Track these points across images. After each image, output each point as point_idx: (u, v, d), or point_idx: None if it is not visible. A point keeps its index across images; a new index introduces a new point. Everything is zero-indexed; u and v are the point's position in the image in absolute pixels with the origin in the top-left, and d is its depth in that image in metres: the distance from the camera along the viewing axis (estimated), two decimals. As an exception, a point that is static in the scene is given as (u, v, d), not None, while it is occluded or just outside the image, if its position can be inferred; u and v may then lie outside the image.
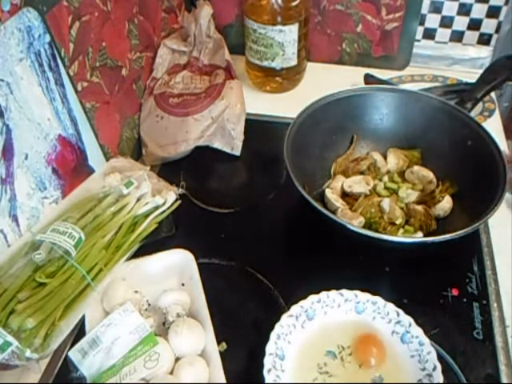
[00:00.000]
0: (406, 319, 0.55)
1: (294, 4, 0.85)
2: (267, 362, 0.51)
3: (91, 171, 0.71)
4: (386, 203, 0.70)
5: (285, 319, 0.55)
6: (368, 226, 0.68)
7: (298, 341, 0.55)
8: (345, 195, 0.73)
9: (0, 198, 0.55)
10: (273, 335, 0.53)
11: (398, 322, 0.55)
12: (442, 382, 0.50)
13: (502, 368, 0.56)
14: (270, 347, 0.52)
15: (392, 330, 0.55)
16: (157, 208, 0.68)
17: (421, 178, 0.74)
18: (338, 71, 1.01)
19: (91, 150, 0.70)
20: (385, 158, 0.77)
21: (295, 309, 0.56)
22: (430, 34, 0.99)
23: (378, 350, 0.54)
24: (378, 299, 0.56)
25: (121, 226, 0.64)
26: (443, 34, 0.98)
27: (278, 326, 0.54)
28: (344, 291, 0.57)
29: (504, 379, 0.55)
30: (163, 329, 0.57)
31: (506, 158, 0.63)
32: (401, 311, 0.55)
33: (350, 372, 0.53)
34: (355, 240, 0.61)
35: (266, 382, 0.50)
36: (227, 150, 0.82)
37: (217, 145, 0.82)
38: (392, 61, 0.99)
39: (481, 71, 0.83)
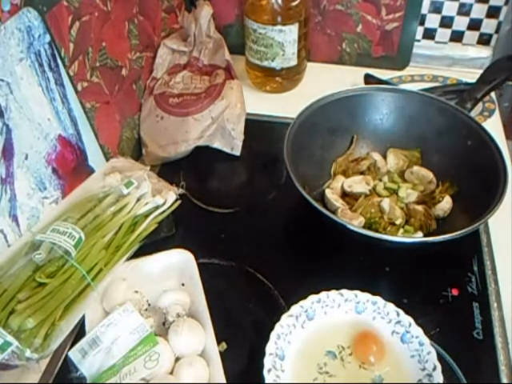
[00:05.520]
0: (406, 319, 0.55)
1: (294, 4, 0.85)
2: (267, 362, 0.51)
3: (91, 171, 0.71)
4: (385, 203, 0.70)
5: (285, 319, 0.55)
6: (368, 226, 0.68)
7: (298, 341, 0.55)
8: (345, 195, 0.73)
9: (0, 198, 0.55)
10: (273, 335, 0.53)
11: (398, 322, 0.55)
12: (442, 382, 0.50)
13: (502, 368, 0.56)
14: (270, 347, 0.52)
15: (392, 330, 0.55)
16: (157, 208, 0.68)
17: (421, 178, 0.74)
18: (337, 71, 1.01)
19: (91, 150, 0.70)
20: (385, 158, 0.77)
21: (295, 309, 0.56)
22: (430, 34, 0.99)
23: (377, 348, 0.54)
24: (378, 299, 0.56)
25: (121, 226, 0.64)
26: (443, 34, 0.98)
27: (277, 326, 0.54)
28: (344, 291, 0.57)
29: (504, 379, 0.55)
30: (163, 329, 0.57)
31: None
32: (401, 311, 0.55)
33: (350, 372, 0.53)
34: (355, 240, 0.61)
35: (266, 381, 0.50)
36: (227, 150, 0.82)
37: (217, 145, 0.82)
38: (392, 61, 0.99)
39: (481, 71, 0.82)
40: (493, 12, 0.93)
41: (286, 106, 0.89)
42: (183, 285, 0.63)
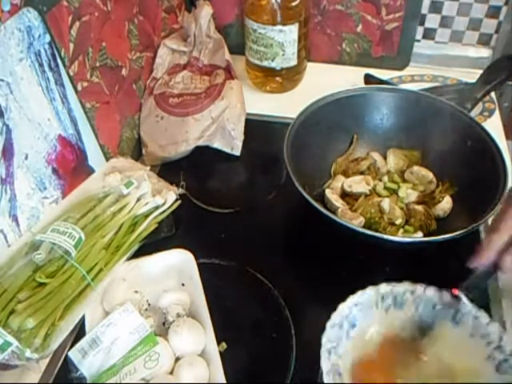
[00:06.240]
0: (451, 299, 0.50)
1: (294, 4, 0.85)
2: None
3: (91, 171, 0.71)
4: (385, 203, 0.70)
5: (329, 330, 0.48)
6: (368, 226, 0.68)
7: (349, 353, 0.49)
8: (345, 195, 0.73)
9: (0, 198, 0.55)
10: (324, 351, 0.47)
11: (444, 305, 0.51)
12: None
13: (502, 368, 0.56)
14: (325, 364, 0.46)
15: (444, 316, 0.51)
16: (157, 208, 0.68)
17: (420, 178, 0.74)
18: (337, 71, 1.01)
19: (91, 150, 0.70)
20: (385, 158, 0.77)
21: (336, 317, 0.49)
22: (429, 34, 0.99)
23: None
24: (417, 287, 0.52)
25: (121, 226, 0.64)
26: (443, 33, 0.98)
27: (325, 340, 0.48)
28: (381, 286, 0.52)
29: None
30: (163, 329, 0.57)
31: None
32: (444, 292, 0.51)
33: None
34: (355, 240, 0.61)
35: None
36: (227, 150, 0.82)
37: (217, 145, 0.82)
38: (392, 61, 0.99)
39: (481, 71, 0.83)
40: (493, 12, 0.93)
41: (286, 106, 0.89)
42: (183, 285, 0.63)
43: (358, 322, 0.51)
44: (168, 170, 0.81)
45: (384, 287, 0.52)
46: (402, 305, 0.52)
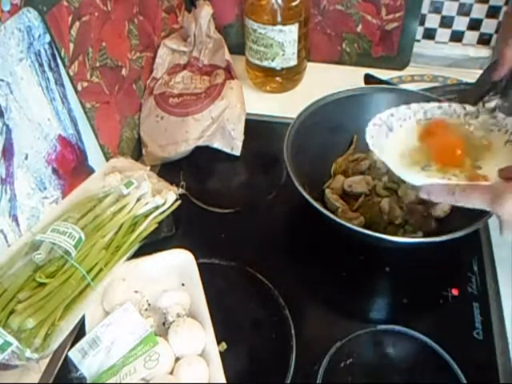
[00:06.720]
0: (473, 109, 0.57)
1: (294, 4, 0.85)
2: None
3: (91, 171, 0.71)
4: (385, 203, 0.70)
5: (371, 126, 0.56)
6: (368, 226, 0.68)
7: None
8: (345, 195, 0.73)
9: (0, 198, 0.55)
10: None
11: (466, 114, 0.57)
12: None
13: (502, 368, 0.56)
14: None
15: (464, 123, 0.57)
16: (157, 208, 0.68)
17: (420, 178, 0.74)
18: (337, 71, 1.01)
19: (91, 150, 0.70)
20: (385, 158, 0.77)
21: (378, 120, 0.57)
22: (430, 34, 0.99)
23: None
24: (443, 103, 0.59)
25: (121, 226, 0.64)
26: (443, 33, 0.98)
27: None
28: (411, 104, 0.59)
29: (503, 379, 0.55)
30: (163, 329, 0.57)
31: None
32: (466, 105, 0.58)
33: None
34: (355, 240, 0.61)
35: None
36: (227, 150, 0.82)
37: (217, 145, 0.82)
38: (392, 61, 0.99)
39: (481, 71, 0.82)
40: (493, 12, 0.93)
41: (286, 106, 0.89)
42: (183, 285, 0.63)
43: (394, 131, 0.58)
44: (168, 170, 0.81)
45: (414, 105, 0.59)
46: (431, 119, 0.58)
